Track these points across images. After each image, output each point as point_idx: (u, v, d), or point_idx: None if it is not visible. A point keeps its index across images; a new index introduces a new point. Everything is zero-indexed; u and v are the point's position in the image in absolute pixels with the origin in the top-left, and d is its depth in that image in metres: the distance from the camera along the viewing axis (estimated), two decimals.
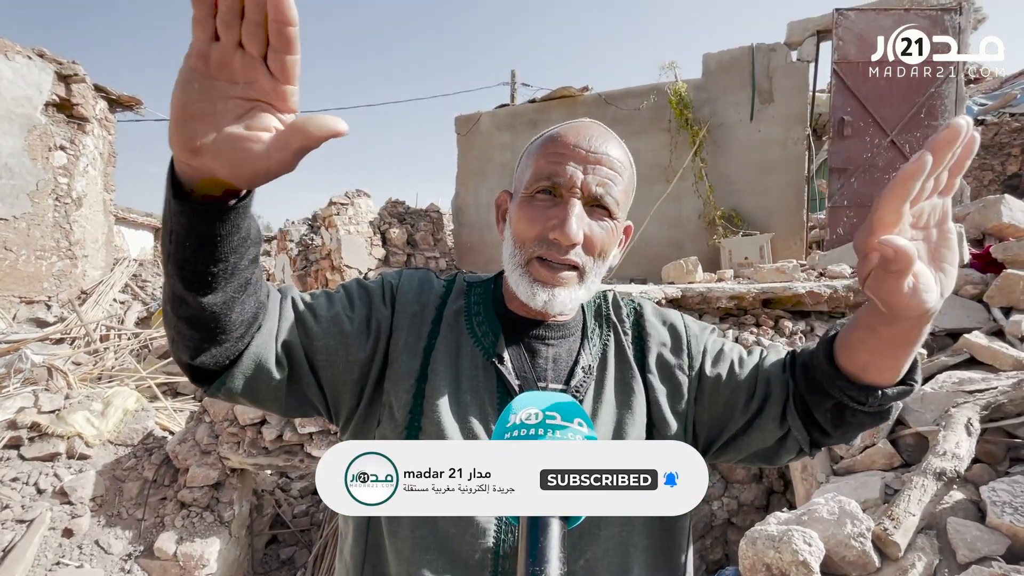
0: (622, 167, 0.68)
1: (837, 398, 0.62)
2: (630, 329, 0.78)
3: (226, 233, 0.49)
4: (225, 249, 0.50)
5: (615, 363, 0.74)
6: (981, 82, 10.76)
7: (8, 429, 3.45)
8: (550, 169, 0.66)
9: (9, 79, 6.73)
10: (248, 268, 0.54)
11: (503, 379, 0.69)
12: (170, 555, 3.13)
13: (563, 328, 0.74)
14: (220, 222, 0.48)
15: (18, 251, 6.82)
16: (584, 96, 6.20)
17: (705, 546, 2.83)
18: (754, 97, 5.40)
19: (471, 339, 0.72)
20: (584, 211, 0.66)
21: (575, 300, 0.68)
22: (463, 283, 0.79)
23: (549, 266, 0.66)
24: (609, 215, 0.67)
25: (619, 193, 0.67)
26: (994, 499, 1.62)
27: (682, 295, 3.19)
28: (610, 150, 0.67)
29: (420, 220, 6.09)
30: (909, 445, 2.10)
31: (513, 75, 10.95)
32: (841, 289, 3.04)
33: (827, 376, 0.63)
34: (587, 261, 0.67)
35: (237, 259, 0.52)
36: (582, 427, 0.49)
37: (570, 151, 0.66)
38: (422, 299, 0.74)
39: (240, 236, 0.50)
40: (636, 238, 5.69)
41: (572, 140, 0.67)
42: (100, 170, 8.22)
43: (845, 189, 5.03)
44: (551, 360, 0.72)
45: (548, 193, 0.67)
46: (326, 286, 5.41)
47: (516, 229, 0.69)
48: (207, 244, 0.49)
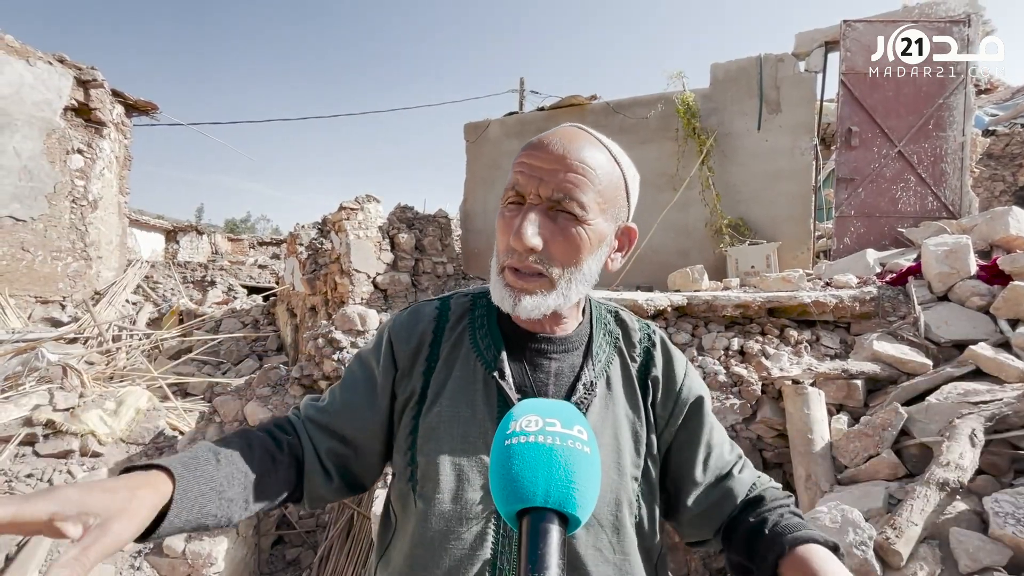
0: (593, 169, 0.65)
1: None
2: (639, 356, 0.77)
3: (184, 519, 0.57)
4: (199, 518, 0.59)
5: (622, 385, 0.74)
6: (992, 92, 10.70)
7: (24, 426, 3.53)
8: (514, 179, 0.66)
9: (30, 84, 6.90)
10: (241, 492, 0.64)
11: (503, 393, 0.69)
12: (179, 553, 3.17)
13: (566, 342, 0.74)
14: (175, 518, 0.57)
15: (35, 252, 6.96)
16: (592, 105, 6.25)
17: (708, 554, 2.84)
18: (761, 107, 5.43)
19: (474, 353, 0.73)
20: (547, 216, 0.64)
21: (543, 306, 0.67)
22: (465, 300, 0.80)
23: (517, 274, 0.66)
24: (575, 219, 0.64)
25: (587, 196, 0.64)
26: (997, 510, 1.62)
27: (688, 303, 3.21)
28: (580, 152, 0.65)
29: (428, 226, 6.15)
30: (913, 455, 2.11)
31: (522, 83, 11.03)
32: (847, 299, 3.05)
33: (762, 574, 0.65)
34: (552, 267, 0.65)
35: (218, 507, 0.61)
36: (582, 434, 0.49)
37: (534, 159, 0.65)
38: (415, 331, 0.77)
39: (198, 504, 0.59)
40: (642, 246, 5.70)
41: (539, 147, 0.66)
42: (115, 173, 8.38)
43: (852, 199, 5.03)
44: (552, 374, 0.72)
45: (517, 203, 0.67)
46: (335, 289, 5.48)
47: (497, 240, 0.71)
48: (186, 530, 0.59)
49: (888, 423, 2.18)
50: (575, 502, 0.45)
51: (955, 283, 2.94)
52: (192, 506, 0.58)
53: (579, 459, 0.47)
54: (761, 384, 2.81)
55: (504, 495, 0.46)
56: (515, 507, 0.46)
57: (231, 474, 0.63)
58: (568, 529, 0.46)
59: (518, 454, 0.47)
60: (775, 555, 0.63)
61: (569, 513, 0.45)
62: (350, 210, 5.51)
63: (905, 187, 4.96)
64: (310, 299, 5.98)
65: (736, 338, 3.08)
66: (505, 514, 0.47)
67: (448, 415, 0.70)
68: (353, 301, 5.22)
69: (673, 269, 4.52)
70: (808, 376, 2.64)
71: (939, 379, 2.39)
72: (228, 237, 16.33)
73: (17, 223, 6.78)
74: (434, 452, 0.67)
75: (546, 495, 0.45)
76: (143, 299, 8.48)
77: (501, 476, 0.47)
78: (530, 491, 0.45)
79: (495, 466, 0.48)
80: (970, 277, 2.93)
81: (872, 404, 2.53)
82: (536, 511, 0.45)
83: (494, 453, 0.50)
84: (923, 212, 4.90)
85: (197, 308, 8.02)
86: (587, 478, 0.47)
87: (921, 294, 3.02)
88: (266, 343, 7.05)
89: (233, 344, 6.87)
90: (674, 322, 3.28)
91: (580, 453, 0.47)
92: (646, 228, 5.69)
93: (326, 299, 5.66)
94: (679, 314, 3.30)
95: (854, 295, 3.07)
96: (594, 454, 0.49)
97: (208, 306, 8.54)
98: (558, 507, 0.45)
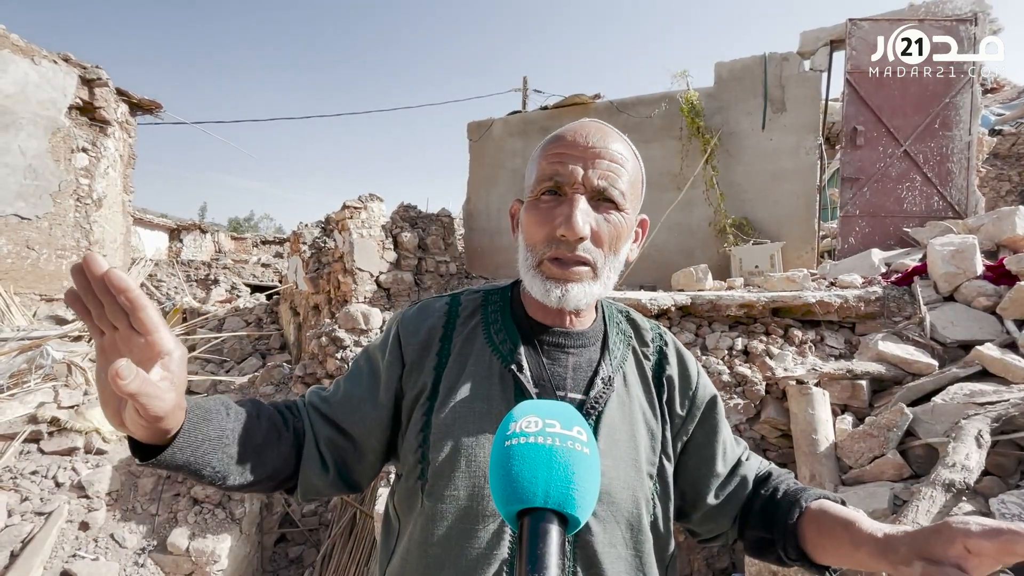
0: (625, 160, 0.68)
1: (778, 552, 0.69)
2: (653, 355, 0.78)
3: (187, 457, 0.58)
4: (199, 462, 0.59)
5: (639, 383, 0.74)
6: (999, 91, 10.64)
7: (29, 423, 3.54)
8: (552, 169, 0.66)
9: (35, 83, 6.93)
10: (242, 454, 0.63)
11: (521, 386, 0.68)
12: (183, 550, 3.19)
13: (583, 337, 0.74)
14: (178, 451, 0.57)
15: (40, 250, 6.98)
16: (596, 104, 6.24)
17: (712, 554, 2.83)
18: (766, 106, 5.40)
19: (489, 348, 0.73)
20: (589, 206, 0.66)
21: (590, 295, 0.68)
22: (476, 296, 0.80)
23: (561, 264, 0.66)
24: (616, 207, 0.67)
25: (624, 185, 0.67)
26: (1004, 511, 1.61)
27: (691, 302, 3.20)
28: (611, 144, 0.67)
29: (431, 225, 6.15)
30: (919, 456, 2.10)
31: (525, 82, 11.03)
32: (852, 299, 3.03)
33: (783, 536, 0.68)
34: (597, 256, 0.67)
35: (220, 459, 0.61)
36: (581, 435, 0.49)
37: (570, 149, 0.66)
38: (424, 325, 0.76)
39: (203, 449, 0.59)
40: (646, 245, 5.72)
41: (571, 139, 0.67)
42: (120, 172, 8.40)
43: (857, 199, 5.01)
44: (571, 368, 0.71)
45: (553, 193, 0.67)
46: (338, 288, 5.49)
47: (527, 233, 0.69)
48: (184, 469, 0.59)
49: (893, 424, 2.17)
50: (575, 503, 0.46)
51: (961, 283, 2.92)
52: (197, 447, 0.58)
53: (579, 460, 0.47)
54: (765, 384, 2.80)
55: (504, 496, 0.46)
56: (515, 507, 0.46)
57: (237, 432, 0.63)
58: (568, 530, 0.46)
59: (518, 455, 0.47)
60: (796, 514, 0.68)
61: (569, 514, 0.45)
62: (353, 209, 5.51)
63: (911, 187, 4.93)
64: (313, 298, 5.99)
65: (740, 338, 3.07)
66: (505, 514, 0.47)
67: (463, 411, 0.68)
68: (356, 300, 5.22)
69: (677, 269, 4.51)
70: (812, 376, 2.62)
71: (945, 380, 2.37)
72: (231, 236, 16.37)
73: (22, 221, 6.81)
74: (449, 449, 0.66)
75: (546, 495, 0.45)
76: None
77: (501, 477, 0.47)
78: (530, 492, 0.45)
79: (495, 467, 0.48)
80: (976, 277, 2.91)
81: (877, 405, 2.52)
82: (536, 511, 0.45)
83: (494, 454, 0.50)
84: (929, 212, 4.87)
85: (201, 306, 8.05)
86: (587, 479, 0.47)
87: (927, 294, 3.00)
88: (269, 342, 7.07)
89: (236, 343, 6.90)
90: (678, 322, 3.27)
91: (580, 454, 0.48)
92: (650, 227, 5.67)
93: (329, 298, 5.67)
94: (683, 314, 3.29)
95: (859, 295, 3.06)
96: (593, 455, 0.49)
97: (211, 305, 8.56)
98: (558, 508, 0.45)
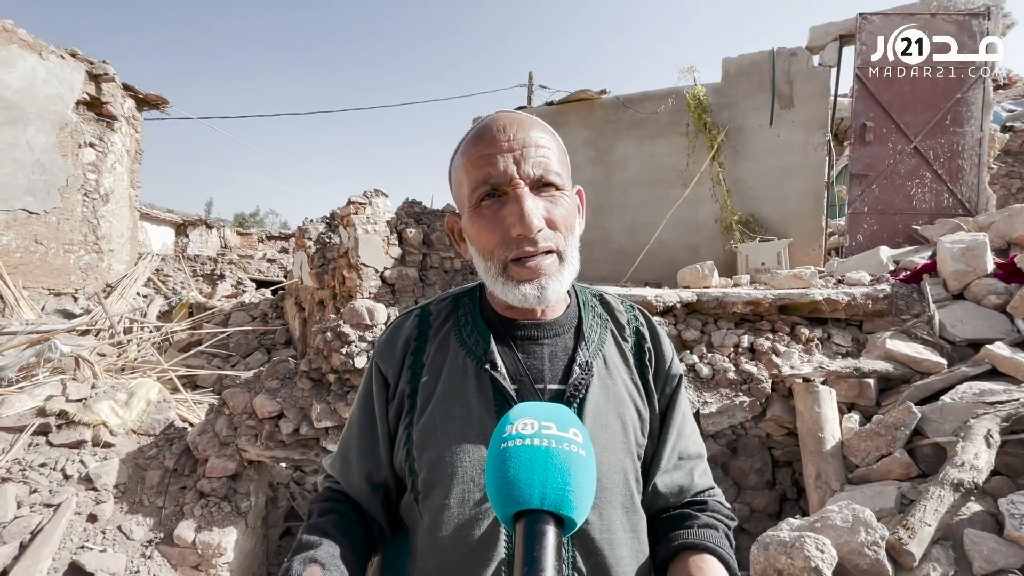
0: (548, 141, 0.67)
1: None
2: (631, 336, 0.77)
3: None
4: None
5: (622, 364, 0.74)
6: (1010, 87, 10.50)
7: (38, 416, 3.58)
8: (483, 173, 0.64)
9: (43, 78, 6.96)
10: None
11: (498, 385, 0.67)
12: (189, 543, 3.21)
13: (556, 326, 0.73)
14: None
15: (48, 245, 7.04)
16: (602, 99, 6.20)
17: None
18: (774, 102, 5.36)
19: (462, 351, 0.72)
20: (534, 196, 0.65)
21: (563, 283, 0.67)
22: (446, 302, 0.79)
23: (524, 264, 0.64)
24: (557, 188, 0.66)
25: (557, 166, 0.66)
26: (1013, 511, 1.60)
27: (697, 300, 3.18)
28: (531, 131, 0.66)
29: (436, 220, 6.14)
30: (927, 455, 2.08)
31: (531, 77, 10.98)
32: (859, 296, 3.01)
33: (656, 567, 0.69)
34: (559, 240, 0.66)
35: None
36: (577, 436, 0.49)
37: (493, 148, 0.64)
38: (399, 344, 0.76)
39: None
40: (652, 242, 5.65)
41: (492, 137, 0.65)
42: (127, 167, 8.45)
43: (866, 196, 4.96)
44: (547, 359, 0.71)
45: (492, 196, 0.65)
46: (343, 283, 5.50)
47: (479, 243, 0.67)
48: None
49: (901, 422, 2.16)
50: (571, 504, 0.45)
51: (971, 281, 2.89)
52: None
53: (575, 461, 0.47)
54: (771, 382, 2.78)
55: (500, 498, 0.46)
56: (511, 509, 0.46)
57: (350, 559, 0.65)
58: (564, 531, 0.46)
59: (514, 457, 0.47)
60: (664, 556, 0.67)
61: (565, 515, 0.45)
62: (358, 205, 5.51)
63: (920, 184, 4.88)
64: (318, 293, 6.00)
65: (746, 335, 3.05)
66: (502, 517, 0.47)
67: (442, 418, 0.68)
68: (361, 295, 5.23)
69: (683, 266, 4.48)
70: (819, 374, 2.61)
71: (954, 378, 2.35)
72: (237, 231, 16.42)
73: (31, 216, 6.86)
74: (432, 458, 0.66)
75: (542, 497, 0.45)
76: (153, 292, 8.56)
77: (497, 479, 0.47)
78: (526, 493, 0.45)
79: (491, 469, 0.48)
80: (987, 275, 2.88)
81: (884, 403, 2.50)
82: (532, 513, 0.45)
83: (490, 457, 0.49)
84: (939, 209, 4.82)
85: (207, 301, 8.09)
86: (583, 480, 0.47)
87: (936, 292, 2.97)
88: (275, 337, 7.10)
89: (242, 337, 6.93)
90: (684, 319, 3.25)
91: (576, 456, 0.47)
92: (656, 224, 5.65)
93: (334, 293, 5.68)
94: (689, 311, 3.27)
95: (867, 293, 3.03)
96: (589, 457, 0.49)
97: (217, 300, 8.61)
98: (554, 509, 0.45)
